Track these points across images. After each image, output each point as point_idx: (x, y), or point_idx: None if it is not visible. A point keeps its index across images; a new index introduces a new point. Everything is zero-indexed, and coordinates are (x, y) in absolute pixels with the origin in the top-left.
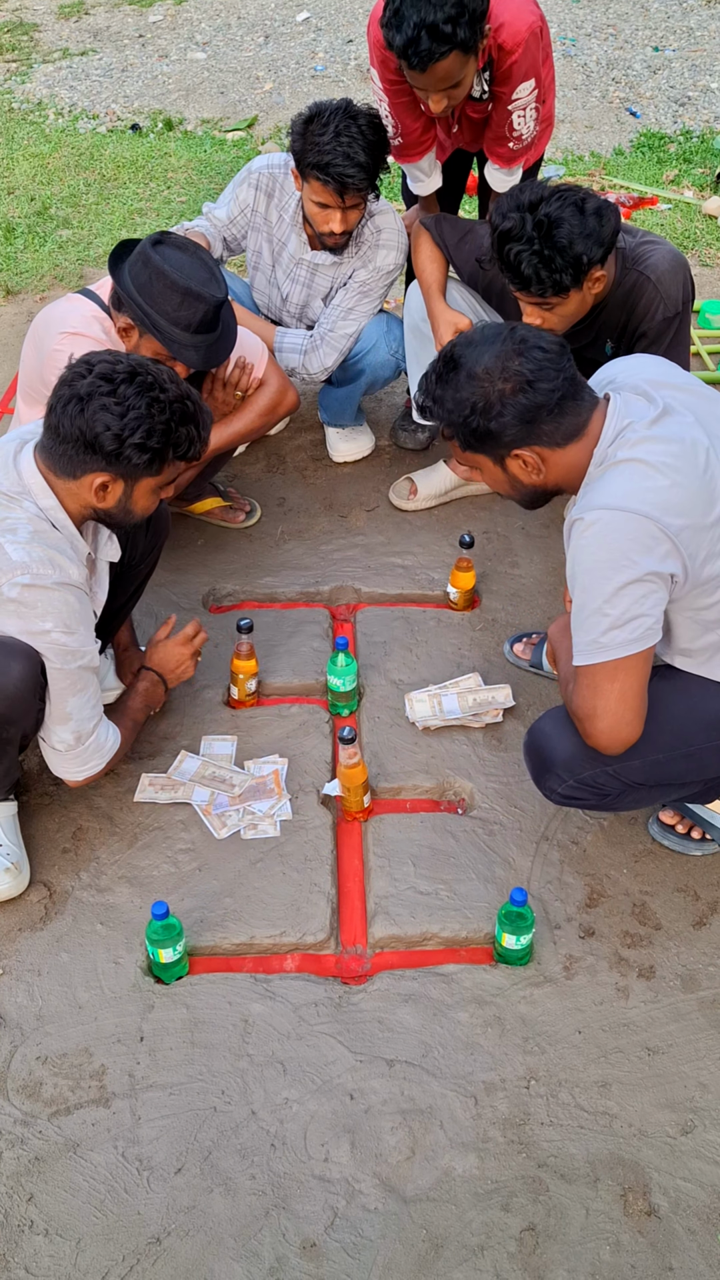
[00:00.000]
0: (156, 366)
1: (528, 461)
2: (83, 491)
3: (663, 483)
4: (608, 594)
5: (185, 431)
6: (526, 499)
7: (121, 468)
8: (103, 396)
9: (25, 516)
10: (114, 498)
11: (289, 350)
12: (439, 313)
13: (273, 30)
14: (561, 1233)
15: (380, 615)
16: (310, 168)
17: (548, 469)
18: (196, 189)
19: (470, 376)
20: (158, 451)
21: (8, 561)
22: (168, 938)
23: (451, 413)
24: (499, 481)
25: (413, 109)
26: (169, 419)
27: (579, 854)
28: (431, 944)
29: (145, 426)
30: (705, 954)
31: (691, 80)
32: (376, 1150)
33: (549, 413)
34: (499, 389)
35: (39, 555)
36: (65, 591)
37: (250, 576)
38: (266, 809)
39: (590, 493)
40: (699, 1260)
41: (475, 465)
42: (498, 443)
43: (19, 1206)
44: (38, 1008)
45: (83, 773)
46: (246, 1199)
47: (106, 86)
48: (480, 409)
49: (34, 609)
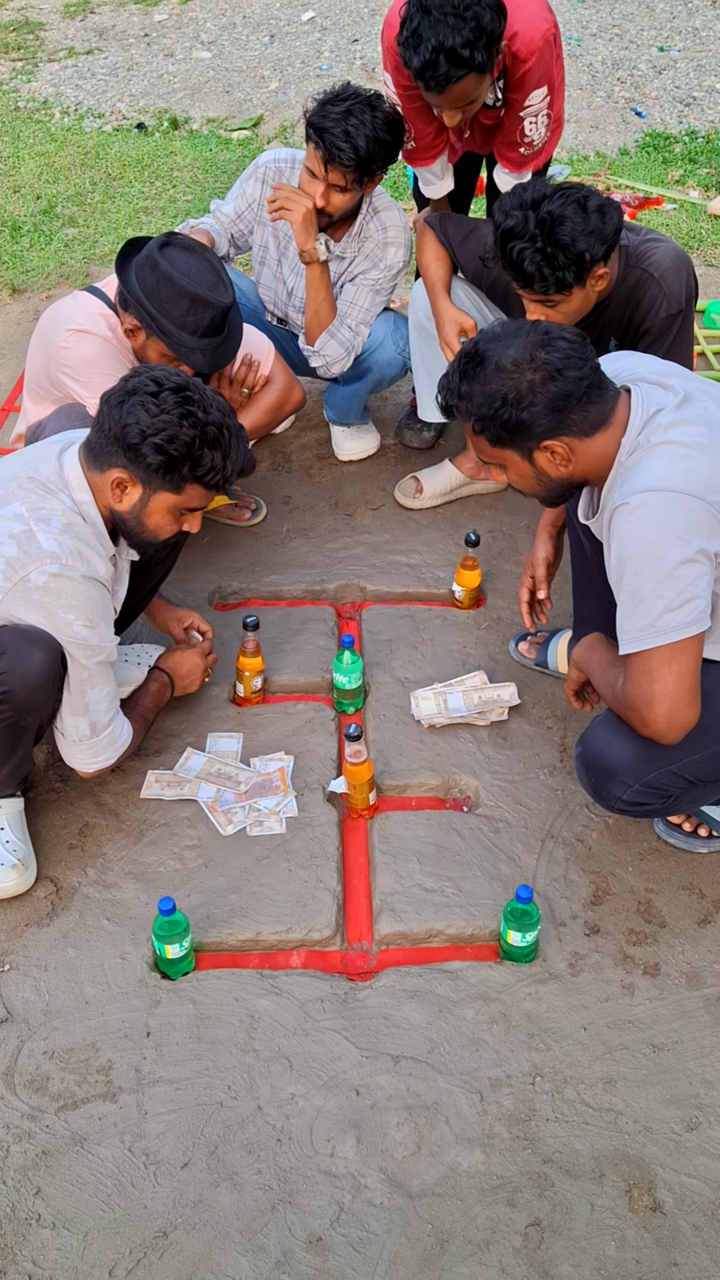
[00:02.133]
0: (212, 392)
1: (557, 453)
2: (105, 487)
3: (702, 462)
4: (661, 576)
5: (210, 455)
6: (552, 494)
7: (139, 468)
8: (145, 395)
9: (60, 508)
10: (130, 501)
11: (339, 343)
12: (443, 310)
13: (278, 29)
14: (567, 1228)
15: (386, 613)
16: (310, 127)
17: (576, 459)
18: (202, 188)
19: (499, 369)
20: (173, 460)
21: (38, 550)
22: (174, 933)
23: (481, 406)
24: (525, 477)
25: (425, 114)
26: (196, 435)
27: (584, 851)
28: (437, 941)
29: (169, 432)
30: (710, 951)
31: (697, 80)
32: (382, 1145)
33: (578, 401)
34: (529, 379)
35: (69, 547)
36: (90, 585)
37: (256, 574)
38: (272, 806)
39: (631, 478)
40: (704, 1256)
41: (502, 462)
42: (528, 434)
43: (26, 1200)
44: (45, 1003)
45: (95, 764)
46: (253, 1193)
47: (112, 85)
48: (512, 400)
49: (59, 599)
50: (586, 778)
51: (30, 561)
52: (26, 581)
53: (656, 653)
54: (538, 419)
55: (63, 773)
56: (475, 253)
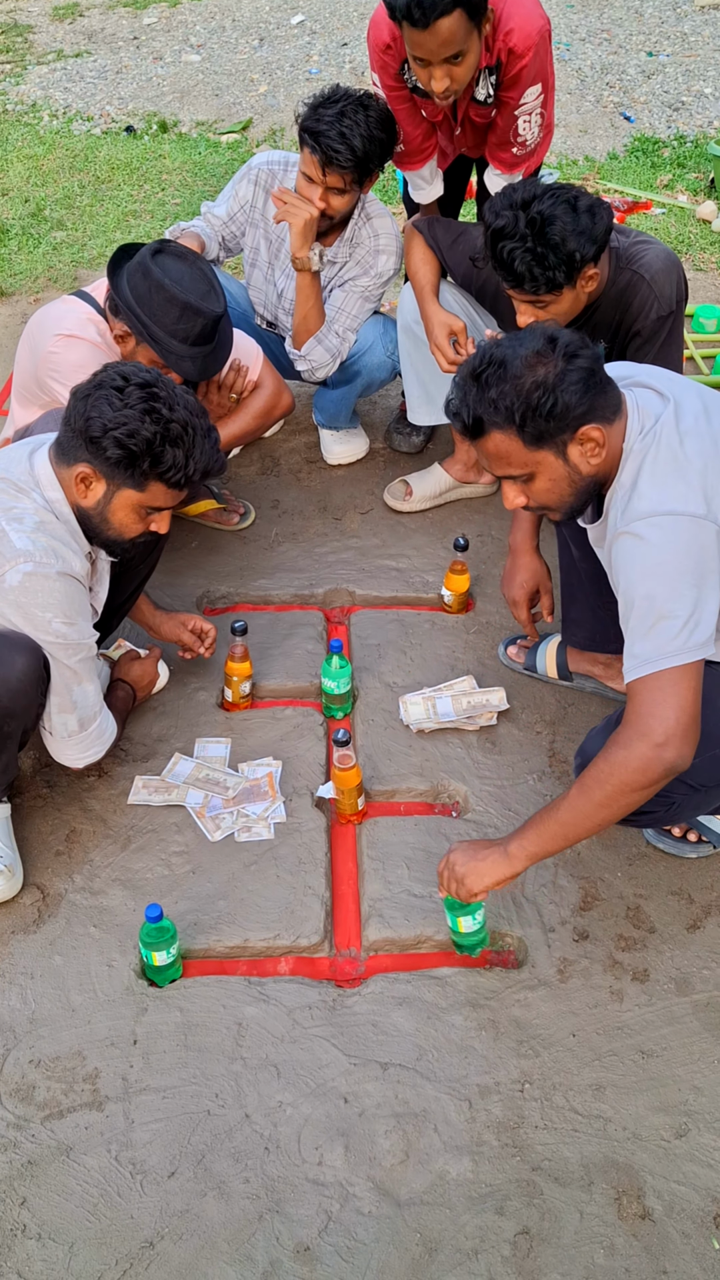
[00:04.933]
0: (180, 391)
1: (592, 439)
2: (72, 482)
3: (695, 475)
4: (673, 599)
5: (171, 452)
6: (580, 498)
7: (101, 463)
8: (110, 389)
9: (32, 507)
10: (94, 497)
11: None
12: (432, 314)
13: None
14: (556, 1236)
15: (374, 618)
16: (305, 132)
17: (606, 449)
18: (191, 191)
19: (525, 364)
20: (134, 455)
21: (11, 549)
22: (161, 940)
23: (515, 403)
24: (559, 480)
25: (414, 115)
26: (158, 431)
27: (573, 857)
28: (425, 947)
29: (130, 427)
30: (699, 957)
31: (685, 85)
32: (370, 1154)
33: (598, 381)
34: (558, 365)
35: (43, 544)
36: (66, 582)
37: (244, 579)
38: (260, 811)
39: (633, 501)
40: (693, 1264)
41: (534, 469)
42: (566, 420)
43: (11, 1211)
44: (30, 1011)
45: (85, 758)
46: (240, 1203)
47: (101, 88)
48: (550, 384)
49: (36, 597)
50: None
51: (4, 561)
52: (2, 581)
53: (668, 674)
54: (577, 399)
55: (49, 778)
56: (464, 256)
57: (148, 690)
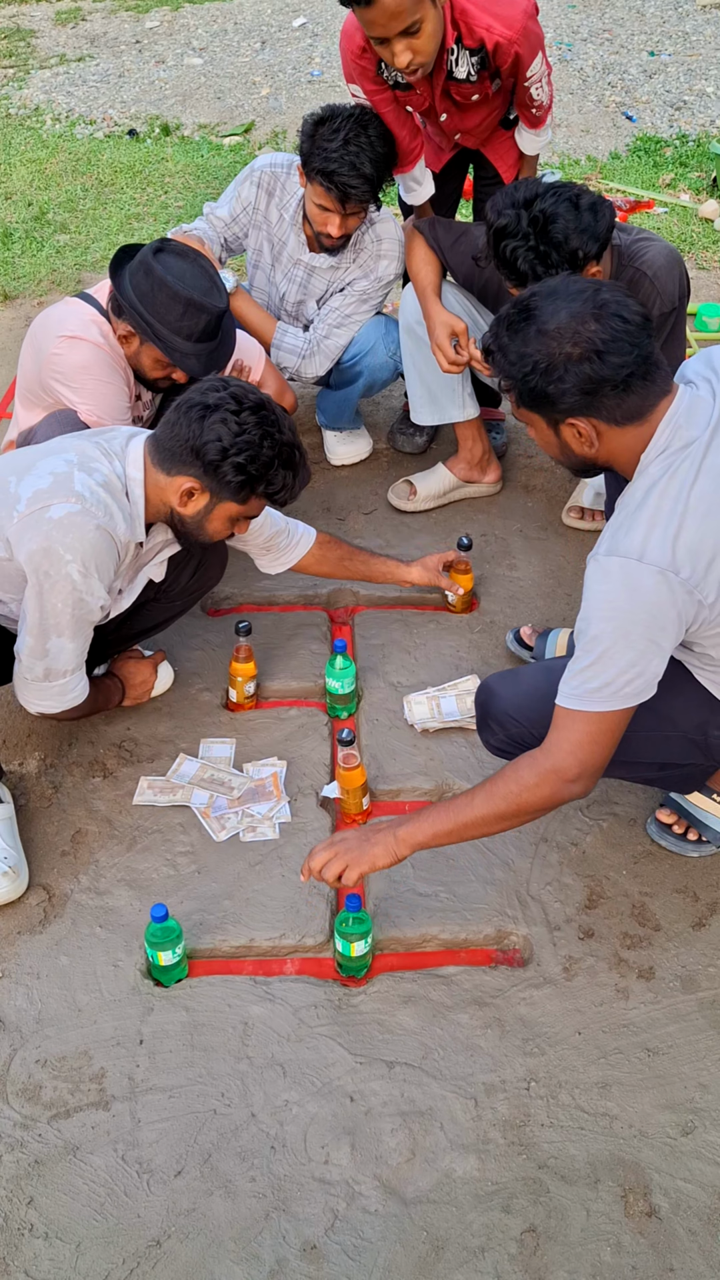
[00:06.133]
0: (283, 412)
1: (582, 432)
2: (170, 490)
3: (694, 523)
4: (621, 648)
5: (283, 475)
6: (574, 466)
7: (214, 481)
8: (226, 412)
9: (108, 470)
10: (195, 508)
11: (287, 351)
12: (434, 314)
13: (269, 36)
14: (562, 1234)
15: (378, 618)
16: (315, 172)
17: (600, 444)
18: (193, 194)
19: (540, 332)
20: (252, 478)
21: (68, 488)
22: (167, 940)
23: (513, 366)
24: (549, 444)
25: (400, 115)
26: (274, 456)
27: (578, 855)
28: (431, 946)
29: (251, 452)
30: (705, 955)
31: (687, 84)
32: (377, 1152)
33: (613, 388)
34: (566, 352)
35: (100, 498)
36: (102, 535)
37: (248, 579)
38: (265, 811)
39: (620, 534)
40: (700, 1261)
41: (529, 421)
42: (553, 407)
43: (19, 1210)
44: (37, 1011)
45: (38, 706)
46: (246, 1201)
47: (103, 92)
48: (542, 369)
49: (66, 535)
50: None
51: (56, 495)
52: (46, 511)
53: (589, 715)
54: (565, 395)
55: (55, 780)
56: (465, 256)
57: (138, 690)
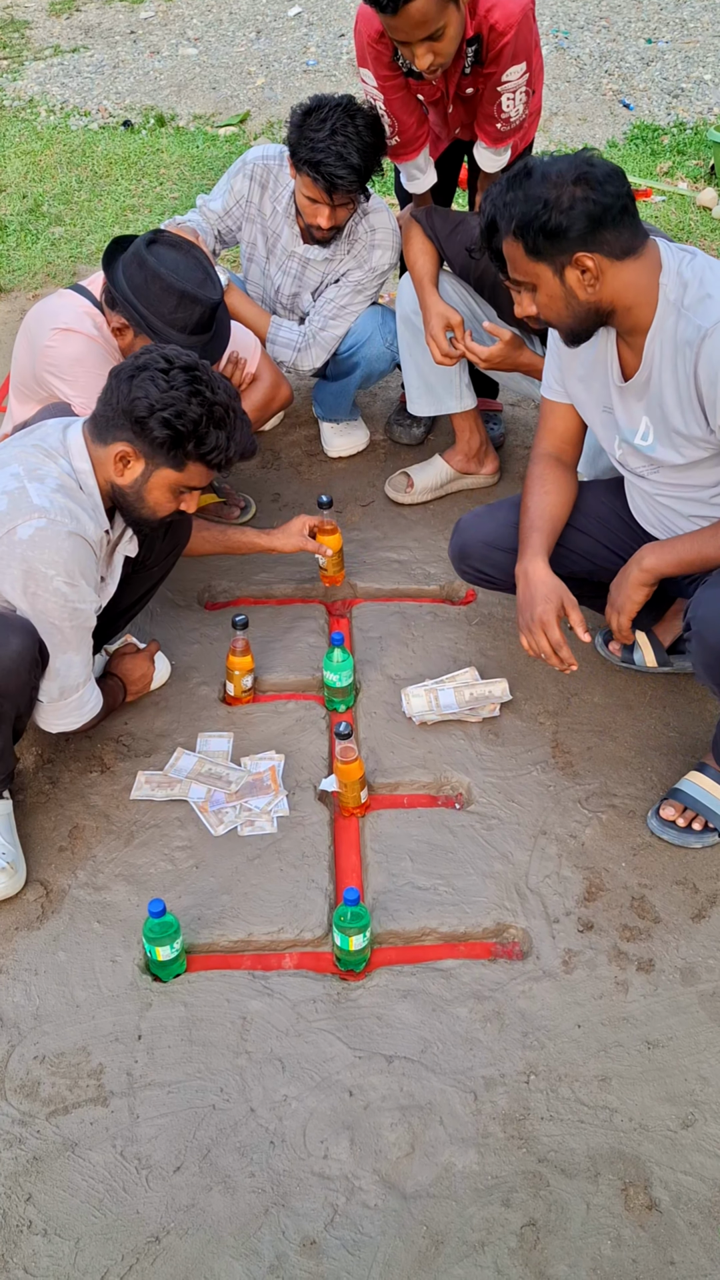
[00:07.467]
0: (220, 375)
1: (587, 269)
2: (108, 460)
3: None
4: None
5: (215, 434)
6: (578, 320)
7: (145, 442)
8: (155, 371)
9: (57, 471)
10: (132, 475)
11: (282, 345)
12: (430, 305)
13: (264, 25)
14: (562, 1228)
15: (376, 610)
16: (303, 163)
17: (604, 282)
18: (189, 185)
19: (544, 178)
20: (180, 435)
21: (29, 504)
22: (165, 935)
23: (524, 210)
24: (554, 298)
25: (409, 103)
26: (204, 413)
27: (577, 848)
28: (430, 939)
29: (178, 408)
30: (705, 947)
31: (685, 72)
32: (376, 1147)
33: (613, 218)
34: (571, 190)
35: (60, 504)
36: (75, 542)
37: (245, 573)
38: (263, 805)
39: (707, 304)
40: (700, 1254)
41: (534, 280)
42: (563, 242)
43: (17, 1206)
44: (35, 1007)
45: (59, 725)
46: (246, 1197)
47: (98, 83)
48: (553, 203)
49: (43, 552)
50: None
51: (19, 515)
52: (14, 534)
53: None
54: (574, 225)
55: (53, 775)
56: (462, 246)
57: (138, 685)
